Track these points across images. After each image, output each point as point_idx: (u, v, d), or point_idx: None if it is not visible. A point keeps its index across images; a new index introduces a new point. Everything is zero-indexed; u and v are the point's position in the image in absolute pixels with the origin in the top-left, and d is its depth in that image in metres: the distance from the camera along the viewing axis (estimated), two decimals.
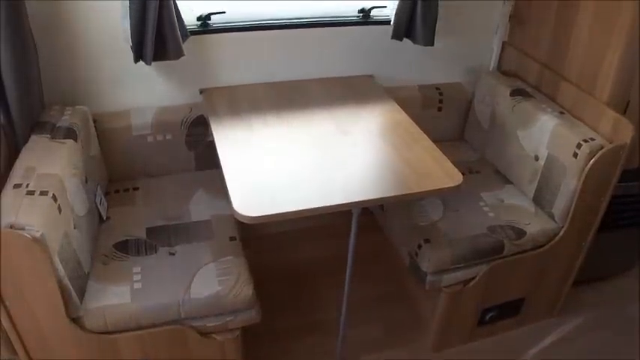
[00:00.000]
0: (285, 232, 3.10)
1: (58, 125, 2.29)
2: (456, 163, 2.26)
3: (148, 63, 2.43)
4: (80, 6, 2.42)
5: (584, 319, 3.04)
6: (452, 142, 3.21)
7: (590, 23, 2.59)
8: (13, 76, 2.12)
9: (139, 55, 2.43)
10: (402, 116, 2.62)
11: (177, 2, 2.42)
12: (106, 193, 2.61)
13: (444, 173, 2.20)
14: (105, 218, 2.46)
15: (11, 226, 1.76)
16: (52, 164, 2.05)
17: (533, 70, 2.97)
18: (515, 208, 2.72)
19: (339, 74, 2.98)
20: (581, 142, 2.46)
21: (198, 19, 2.69)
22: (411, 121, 2.57)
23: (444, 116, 3.18)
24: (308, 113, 2.62)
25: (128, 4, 2.31)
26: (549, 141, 2.61)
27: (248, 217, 1.90)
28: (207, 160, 2.79)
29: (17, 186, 1.92)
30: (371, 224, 2.91)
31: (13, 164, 2.05)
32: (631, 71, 2.48)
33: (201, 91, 2.75)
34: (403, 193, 2.11)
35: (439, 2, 2.75)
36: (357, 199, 2.04)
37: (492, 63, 3.23)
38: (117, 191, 2.66)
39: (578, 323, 3.02)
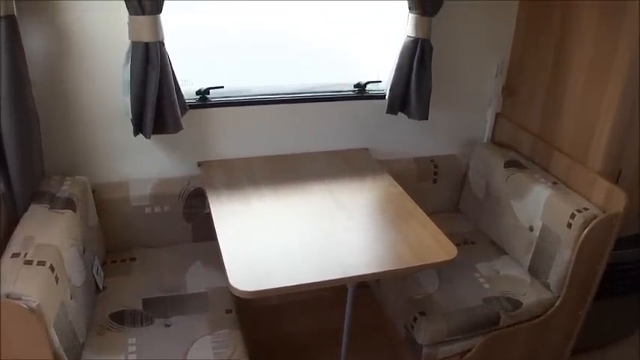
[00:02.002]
0: (281, 304, 3.09)
1: (57, 195, 2.31)
2: (450, 235, 2.29)
3: (147, 136, 2.48)
4: (82, 78, 2.49)
5: None
6: (447, 214, 3.24)
7: (580, 95, 2.66)
8: (14, 144, 2.15)
9: (138, 128, 2.48)
10: (397, 190, 2.65)
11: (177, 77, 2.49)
12: (103, 263, 2.61)
13: (438, 246, 2.22)
14: (102, 288, 2.46)
15: (8, 296, 1.75)
16: (50, 234, 2.06)
17: (526, 141, 3.03)
18: (511, 279, 2.72)
19: (335, 147, 3.03)
20: (575, 212, 2.48)
21: (197, 93, 2.76)
22: (406, 194, 2.60)
23: (439, 188, 3.22)
24: (304, 187, 2.66)
25: (129, 79, 2.37)
26: (543, 211, 2.64)
27: (244, 291, 1.91)
28: (205, 231, 2.80)
29: (15, 255, 1.92)
30: (366, 296, 2.90)
31: (12, 233, 2.06)
32: (622, 141, 2.54)
33: (199, 164, 2.79)
34: (398, 267, 2.13)
35: (432, 77, 2.82)
36: (352, 274, 2.05)
37: (486, 135, 3.29)
38: (114, 261, 2.66)
39: None
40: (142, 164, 2.73)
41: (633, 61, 2.38)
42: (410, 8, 2.73)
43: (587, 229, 2.44)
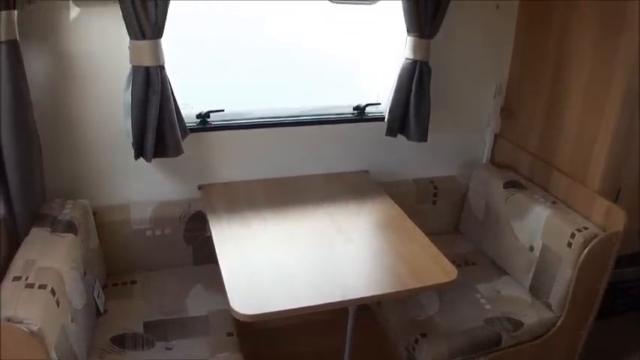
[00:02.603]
0: (283, 326, 3.07)
1: (58, 218, 2.31)
2: (451, 256, 2.30)
3: (148, 160, 2.49)
4: (83, 102, 2.52)
5: None
6: (447, 235, 3.23)
7: (578, 115, 2.68)
8: (16, 168, 2.17)
9: (139, 151, 2.49)
10: (397, 212, 2.66)
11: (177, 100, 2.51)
12: (104, 286, 2.61)
13: (439, 268, 2.23)
14: (102, 311, 2.45)
15: (9, 320, 1.75)
16: (51, 258, 2.06)
17: (525, 162, 3.05)
18: (512, 299, 2.72)
19: (334, 170, 3.04)
20: (575, 232, 2.49)
21: (198, 116, 2.78)
22: (406, 216, 2.61)
23: (438, 209, 3.23)
24: (304, 210, 2.67)
25: (130, 103, 2.39)
26: (543, 231, 2.64)
27: (246, 315, 1.91)
28: (205, 254, 2.79)
29: (17, 278, 1.92)
30: (368, 318, 2.88)
31: (13, 256, 2.06)
32: (620, 160, 2.56)
33: (200, 187, 2.80)
34: (399, 290, 2.14)
35: (431, 98, 2.84)
36: (353, 297, 2.06)
37: (485, 155, 3.30)
38: (115, 284, 2.66)
39: None
40: (143, 187, 2.74)
41: (630, 80, 2.41)
42: (408, 31, 2.75)
43: (587, 249, 2.45)
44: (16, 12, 2.05)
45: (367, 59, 2.99)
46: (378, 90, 3.06)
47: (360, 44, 2.93)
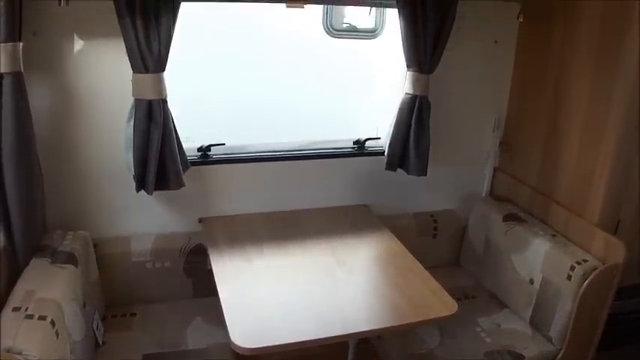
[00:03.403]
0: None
1: (59, 250, 2.32)
2: (451, 289, 2.30)
3: (149, 193, 2.51)
4: (86, 134, 2.55)
5: None
6: (447, 268, 3.22)
7: (577, 148, 2.71)
8: (17, 199, 2.18)
9: (140, 184, 2.51)
10: (397, 245, 2.67)
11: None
12: (104, 318, 2.60)
13: (439, 302, 2.23)
14: (101, 343, 2.43)
15: (8, 350, 1.75)
16: (51, 289, 2.07)
17: (524, 195, 3.06)
18: (513, 332, 2.71)
19: (335, 204, 3.05)
20: (575, 265, 2.49)
21: (199, 149, 2.80)
22: (406, 250, 2.62)
23: (438, 243, 3.23)
24: (305, 243, 2.68)
25: (132, 136, 2.41)
26: (543, 264, 2.65)
27: (246, 348, 1.92)
28: (206, 287, 2.76)
29: (16, 309, 1.92)
30: (368, 352, 2.86)
31: (14, 287, 2.06)
32: (619, 192, 2.57)
33: (201, 220, 2.81)
34: (399, 323, 2.15)
35: (430, 132, 2.86)
36: (353, 331, 2.07)
37: (485, 189, 3.32)
38: (114, 316, 2.65)
39: None
40: (144, 219, 2.75)
41: (627, 113, 2.45)
42: (408, 66, 2.79)
43: (587, 281, 2.45)
44: (21, 44, 2.09)
45: (367, 93, 3.02)
46: (378, 124, 3.08)
47: (360, 78, 2.96)
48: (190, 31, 2.53)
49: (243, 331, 1.97)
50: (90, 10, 2.36)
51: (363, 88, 3.01)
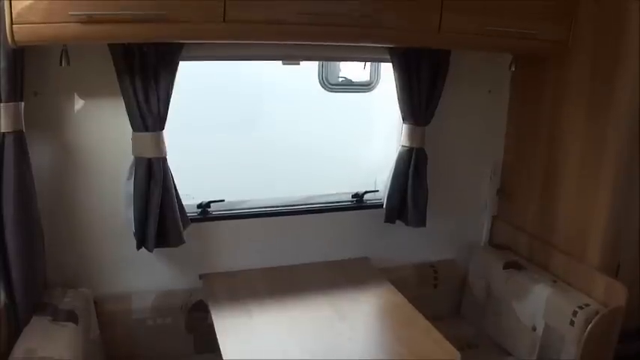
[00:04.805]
0: None
1: (59, 307, 2.31)
2: (453, 339, 2.29)
3: (150, 250, 2.52)
4: (86, 192, 2.57)
5: None
6: (449, 318, 3.20)
7: (574, 193, 2.73)
8: (19, 257, 2.19)
9: (141, 242, 2.52)
10: (398, 297, 2.66)
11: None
12: None
13: (441, 352, 2.22)
14: None
15: None
16: (52, 347, 2.05)
17: (523, 242, 3.06)
18: None
19: (335, 257, 3.05)
20: (577, 309, 2.48)
21: (199, 206, 2.82)
22: (407, 301, 2.61)
23: (439, 293, 3.22)
24: (306, 298, 2.68)
25: (132, 193, 2.44)
26: (545, 311, 2.63)
27: None
28: (207, 343, 2.74)
29: None
30: None
31: (14, 345, 2.05)
32: (618, 235, 2.59)
33: (201, 276, 2.80)
34: None
35: (428, 183, 2.90)
36: None
37: (484, 237, 3.32)
38: None
39: None
40: (144, 276, 2.74)
41: (622, 155, 2.49)
42: (404, 119, 2.85)
43: (590, 326, 2.43)
44: (22, 104, 2.14)
45: (364, 146, 3.05)
46: (376, 176, 3.11)
47: (357, 131, 3.00)
48: (189, 89, 2.59)
49: None
50: (90, 70, 2.42)
51: (361, 140, 3.05)
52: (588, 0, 2.59)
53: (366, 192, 3.12)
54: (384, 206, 2.97)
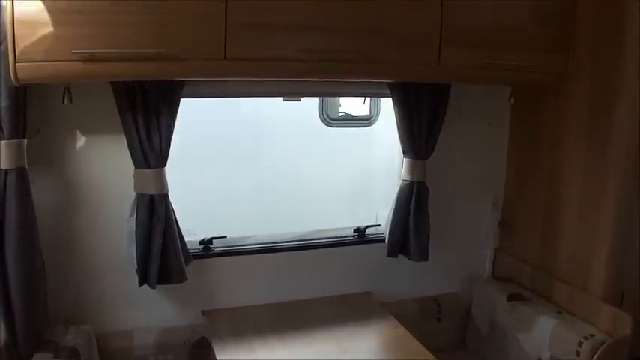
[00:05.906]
0: None
1: (61, 344, 2.30)
2: None
3: (152, 287, 2.52)
4: (88, 228, 2.57)
5: None
6: (453, 351, 3.18)
7: (575, 223, 2.73)
8: (20, 293, 2.19)
9: (143, 278, 2.52)
10: (401, 331, 2.65)
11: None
12: None
13: None
14: None
15: None
16: None
17: (526, 273, 3.05)
18: None
19: (337, 292, 3.03)
20: (582, 340, 2.46)
21: (201, 242, 2.82)
22: (411, 335, 2.60)
23: (443, 326, 3.19)
24: (309, 333, 2.66)
25: (134, 230, 2.45)
26: (550, 342, 2.61)
27: None
28: None
29: None
30: None
31: None
32: (621, 264, 2.57)
33: (204, 313, 2.79)
34: None
35: (430, 217, 2.91)
36: None
37: (487, 269, 3.31)
38: None
39: None
40: (147, 313, 2.73)
41: (622, 184, 2.49)
42: (404, 153, 2.87)
43: (596, 355, 2.41)
44: (25, 141, 2.16)
45: (365, 180, 3.07)
46: (377, 211, 3.12)
47: (358, 165, 3.02)
48: (190, 121, 2.62)
49: None
50: (93, 108, 2.45)
51: (361, 174, 3.06)
52: (585, 29, 2.62)
53: (368, 226, 3.12)
54: (386, 240, 2.97)
